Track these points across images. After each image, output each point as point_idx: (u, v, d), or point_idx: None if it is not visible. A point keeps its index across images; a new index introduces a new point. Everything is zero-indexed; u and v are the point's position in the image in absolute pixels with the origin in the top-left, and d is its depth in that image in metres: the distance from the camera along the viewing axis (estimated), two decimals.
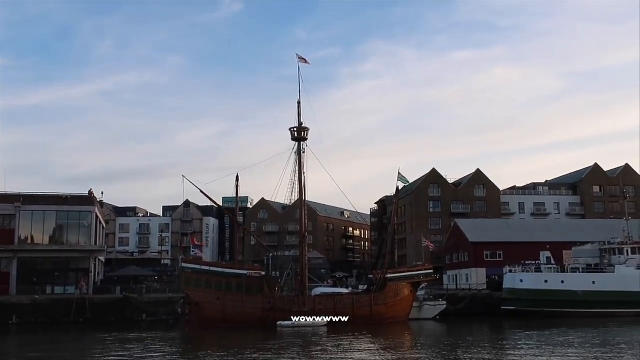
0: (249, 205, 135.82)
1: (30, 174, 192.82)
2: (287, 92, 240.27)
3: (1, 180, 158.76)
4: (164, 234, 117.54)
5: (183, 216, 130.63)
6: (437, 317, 56.24)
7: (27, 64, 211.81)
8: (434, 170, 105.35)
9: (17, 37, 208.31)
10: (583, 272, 58.35)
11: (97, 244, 67.09)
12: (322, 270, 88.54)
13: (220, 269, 50.41)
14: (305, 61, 53.86)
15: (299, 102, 53.63)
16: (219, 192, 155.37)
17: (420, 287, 57.58)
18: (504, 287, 60.18)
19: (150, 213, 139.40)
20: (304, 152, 53.09)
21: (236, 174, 53.48)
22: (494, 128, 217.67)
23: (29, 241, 63.18)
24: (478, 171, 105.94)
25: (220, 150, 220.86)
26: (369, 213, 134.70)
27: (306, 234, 56.10)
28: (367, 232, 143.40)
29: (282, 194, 57.92)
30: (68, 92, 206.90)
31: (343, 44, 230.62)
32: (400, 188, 61.19)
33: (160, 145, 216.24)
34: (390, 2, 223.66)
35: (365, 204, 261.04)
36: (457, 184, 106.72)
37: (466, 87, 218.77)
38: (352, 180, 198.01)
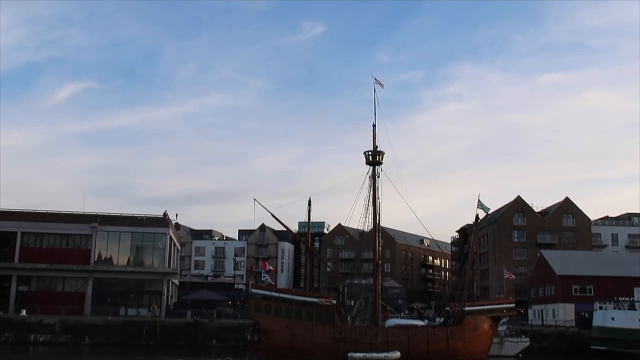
0: (325, 231, 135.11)
1: (111, 195, 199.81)
2: (367, 116, 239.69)
3: (83, 200, 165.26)
4: (238, 258, 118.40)
5: (258, 240, 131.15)
6: (520, 355, 53.85)
7: (114, 87, 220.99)
8: (518, 198, 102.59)
9: (105, 61, 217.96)
10: None
11: (171, 266, 68.34)
12: (399, 301, 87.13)
13: (290, 296, 49.64)
14: (379, 83, 53.12)
15: (374, 125, 52.88)
16: (296, 216, 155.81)
17: (502, 321, 55.23)
18: (593, 325, 57.01)
19: (226, 236, 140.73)
20: (378, 177, 52.17)
21: (309, 199, 53.35)
22: (585, 155, 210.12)
23: (104, 262, 64.91)
24: (567, 199, 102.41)
25: (298, 174, 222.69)
26: (449, 242, 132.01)
27: (380, 261, 54.48)
28: (447, 261, 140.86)
29: (357, 220, 57.02)
30: (151, 114, 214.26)
31: (426, 66, 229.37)
32: (480, 216, 59.03)
33: (239, 169, 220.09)
34: (475, 24, 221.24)
35: (446, 232, 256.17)
36: (544, 213, 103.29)
37: (555, 112, 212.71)
38: (434, 208, 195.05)
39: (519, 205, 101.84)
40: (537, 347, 56.26)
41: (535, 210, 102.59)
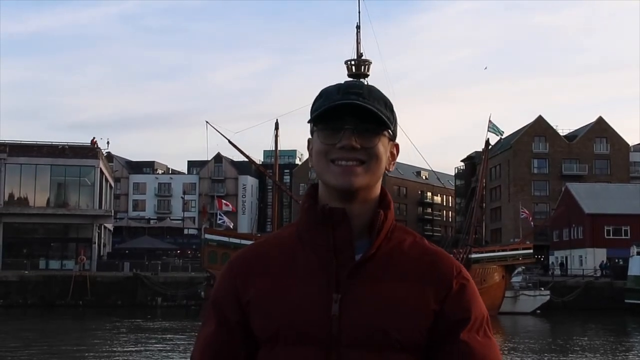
0: (297, 162, 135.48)
1: (25, 118, 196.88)
2: (351, 17, 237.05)
3: None
4: (188, 196, 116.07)
5: (213, 174, 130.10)
6: (538, 311, 55.12)
7: None
8: (540, 119, 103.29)
9: None
10: None
11: (103, 207, 68.12)
12: None
13: (252, 242, 50.05)
14: None
15: (357, 27, 53.54)
16: (261, 144, 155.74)
17: (517, 271, 56.58)
18: (629, 274, 58.12)
19: (172, 169, 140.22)
20: None
21: (275, 120, 54.42)
22: (625, 64, 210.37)
23: (17, 203, 64.55)
24: (600, 120, 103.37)
25: (263, 92, 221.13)
26: (453, 174, 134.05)
27: None
28: (450, 198, 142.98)
29: None
30: (77, 15, 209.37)
31: None
32: (491, 142, 60.10)
33: (188, 85, 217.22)
34: None
35: (449, 162, 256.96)
36: (571, 137, 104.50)
37: (590, 10, 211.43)
38: (434, 132, 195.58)
39: (540, 127, 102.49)
40: (560, 301, 57.17)
41: (561, 134, 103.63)
